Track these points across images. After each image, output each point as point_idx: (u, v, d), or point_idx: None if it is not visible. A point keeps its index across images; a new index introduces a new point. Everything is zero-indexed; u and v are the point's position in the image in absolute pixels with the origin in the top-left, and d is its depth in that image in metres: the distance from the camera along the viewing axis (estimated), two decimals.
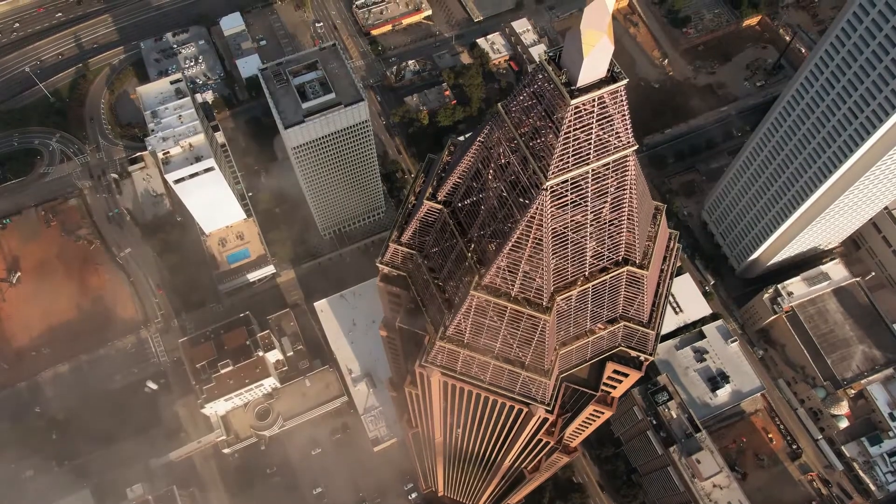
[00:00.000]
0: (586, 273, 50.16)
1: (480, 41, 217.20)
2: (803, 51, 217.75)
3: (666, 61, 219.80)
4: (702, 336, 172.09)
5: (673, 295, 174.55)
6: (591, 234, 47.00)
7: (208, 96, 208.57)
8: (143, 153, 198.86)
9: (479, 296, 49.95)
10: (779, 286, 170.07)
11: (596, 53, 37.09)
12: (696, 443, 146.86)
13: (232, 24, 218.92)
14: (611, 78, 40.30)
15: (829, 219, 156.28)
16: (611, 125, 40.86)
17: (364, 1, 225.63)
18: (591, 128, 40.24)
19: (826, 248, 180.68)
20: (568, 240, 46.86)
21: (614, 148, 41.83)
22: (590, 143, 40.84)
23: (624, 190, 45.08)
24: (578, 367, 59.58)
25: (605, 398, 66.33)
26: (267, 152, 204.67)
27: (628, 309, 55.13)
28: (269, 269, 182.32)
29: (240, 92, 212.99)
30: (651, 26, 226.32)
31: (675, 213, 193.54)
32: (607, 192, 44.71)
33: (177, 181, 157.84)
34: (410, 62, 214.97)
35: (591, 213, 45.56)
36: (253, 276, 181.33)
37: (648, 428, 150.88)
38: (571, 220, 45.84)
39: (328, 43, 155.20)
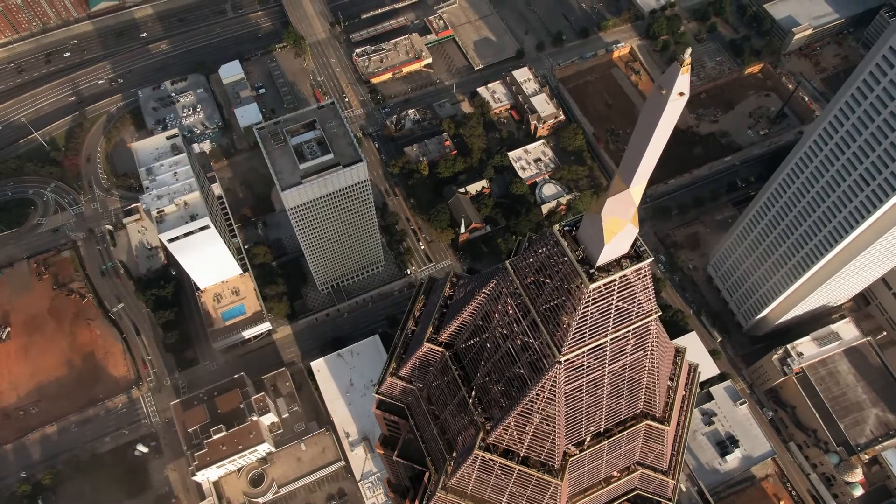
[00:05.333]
0: (602, 429, 46.07)
1: (481, 90, 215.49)
2: (806, 99, 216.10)
3: None
4: (710, 397, 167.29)
5: None
6: (607, 393, 42.95)
7: (206, 146, 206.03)
8: (139, 204, 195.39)
9: (483, 455, 45.78)
10: (788, 346, 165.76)
11: (618, 239, 33.32)
12: None
13: (231, 72, 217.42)
14: (635, 255, 36.43)
15: (841, 279, 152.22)
16: (633, 297, 37.08)
17: (364, 49, 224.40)
18: (611, 303, 36.43)
19: (835, 305, 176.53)
20: (583, 400, 42.80)
21: (636, 316, 38.00)
22: (609, 317, 37.00)
23: (644, 351, 41.16)
24: None
25: None
26: (264, 203, 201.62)
27: (646, 456, 50.84)
28: (265, 326, 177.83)
29: (238, 141, 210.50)
30: (653, 74, 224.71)
31: (680, 268, 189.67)
32: (626, 355, 40.80)
33: (171, 240, 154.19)
34: (410, 111, 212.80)
35: (608, 374, 41.59)
36: (248, 334, 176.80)
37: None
38: (587, 381, 41.84)
39: (327, 101, 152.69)
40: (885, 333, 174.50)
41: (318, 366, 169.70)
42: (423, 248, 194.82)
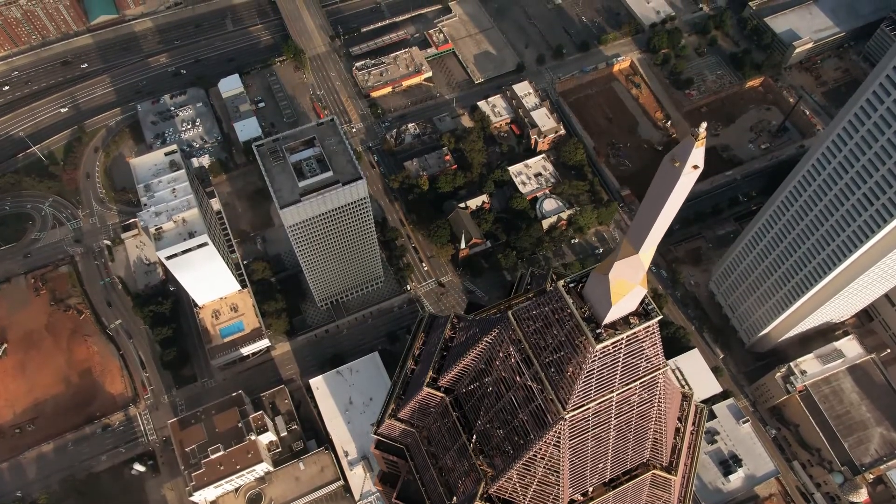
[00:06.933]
0: (607, 479, 44.78)
1: (481, 104, 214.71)
2: (808, 113, 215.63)
3: (669, 123, 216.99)
4: (712, 416, 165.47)
5: (681, 371, 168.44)
6: (613, 444, 41.67)
7: (205, 160, 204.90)
8: (137, 219, 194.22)
9: None
10: (791, 364, 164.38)
11: (626, 300, 32.17)
12: None
13: (230, 86, 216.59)
14: (643, 312, 35.24)
15: (845, 297, 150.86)
16: (641, 352, 35.90)
17: (364, 63, 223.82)
18: (619, 359, 35.23)
19: (838, 321, 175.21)
20: (588, 451, 41.51)
21: (643, 371, 36.80)
22: (615, 373, 35.79)
23: (651, 403, 39.93)
24: None
25: None
26: (263, 217, 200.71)
27: None
28: (264, 343, 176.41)
29: (237, 155, 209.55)
30: (654, 88, 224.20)
31: (682, 283, 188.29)
32: (633, 408, 39.58)
33: (169, 257, 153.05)
34: (410, 125, 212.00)
35: (614, 426, 40.33)
36: (247, 350, 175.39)
37: None
38: (593, 434, 40.58)
39: (327, 117, 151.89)
40: (888, 351, 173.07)
41: (317, 383, 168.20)
42: (424, 266, 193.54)
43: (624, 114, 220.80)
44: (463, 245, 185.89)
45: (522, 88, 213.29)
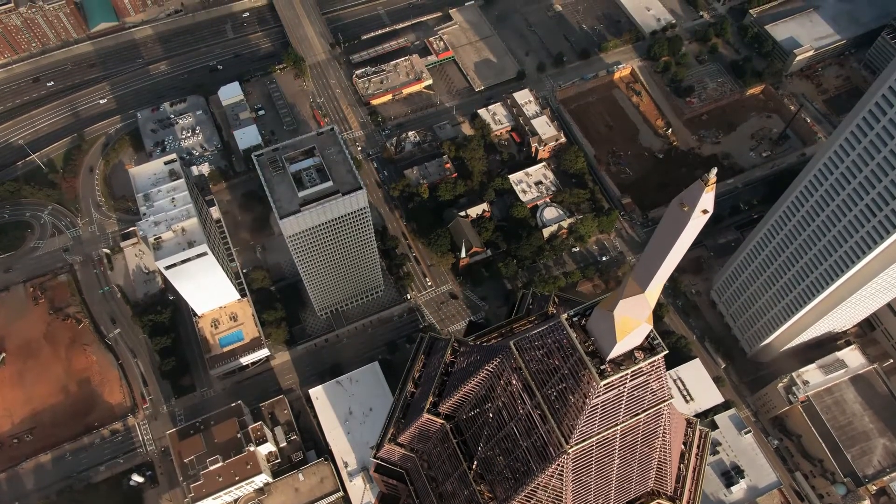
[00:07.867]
0: None
1: (482, 111, 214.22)
2: (808, 121, 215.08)
3: (670, 131, 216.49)
4: (714, 426, 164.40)
5: (683, 382, 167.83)
6: (617, 475, 40.92)
7: (204, 168, 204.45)
8: (136, 228, 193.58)
9: None
10: (793, 374, 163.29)
11: (631, 337, 31.49)
12: None
13: (230, 93, 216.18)
14: (648, 347, 34.57)
15: (847, 308, 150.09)
16: (645, 386, 35.20)
17: (364, 70, 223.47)
18: (623, 392, 34.52)
19: (840, 331, 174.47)
20: (591, 483, 40.73)
21: (648, 404, 36.10)
22: (619, 408, 35.06)
23: (655, 434, 39.19)
24: None
25: None
26: (263, 226, 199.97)
27: None
28: (263, 353, 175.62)
29: (237, 163, 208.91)
30: (654, 95, 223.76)
31: (683, 292, 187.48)
32: (637, 439, 38.82)
33: (168, 267, 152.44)
34: (411, 133, 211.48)
35: (618, 458, 39.58)
36: (246, 360, 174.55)
37: None
38: (596, 467, 39.81)
39: (327, 126, 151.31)
40: (891, 360, 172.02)
41: (317, 393, 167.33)
42: (428, 280, 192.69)
43: (624, 121, 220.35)
44: (463, 254, 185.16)
45: (523, 96, 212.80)
